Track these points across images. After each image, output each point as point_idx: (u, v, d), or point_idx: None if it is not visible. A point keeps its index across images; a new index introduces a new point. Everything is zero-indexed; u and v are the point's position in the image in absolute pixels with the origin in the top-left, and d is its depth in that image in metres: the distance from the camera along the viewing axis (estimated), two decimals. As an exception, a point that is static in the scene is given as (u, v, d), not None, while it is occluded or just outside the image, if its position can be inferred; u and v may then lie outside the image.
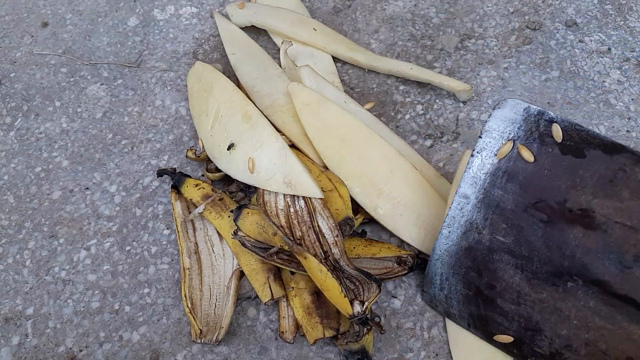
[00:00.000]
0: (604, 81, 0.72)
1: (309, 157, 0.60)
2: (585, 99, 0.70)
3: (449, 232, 0.51)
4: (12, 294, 0.59)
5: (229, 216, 0.57)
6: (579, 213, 0.45)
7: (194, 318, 0.54)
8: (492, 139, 0.48)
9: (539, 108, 0.47)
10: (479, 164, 0.49)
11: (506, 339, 0.49)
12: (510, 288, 0.48)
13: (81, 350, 0.55)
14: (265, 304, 0.52)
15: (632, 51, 0.74)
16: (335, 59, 0.76)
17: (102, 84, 0.76)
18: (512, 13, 0.80)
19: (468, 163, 0.49)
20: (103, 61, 0.79)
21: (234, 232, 0.53)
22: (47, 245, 0.62)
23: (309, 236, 0.50)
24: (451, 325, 0.53)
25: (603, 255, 0.44)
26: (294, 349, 0.53)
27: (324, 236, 0.51)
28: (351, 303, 0.47)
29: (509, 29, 0.78)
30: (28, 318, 0.57)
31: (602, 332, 0.45)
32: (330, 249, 0.50)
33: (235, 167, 0.58)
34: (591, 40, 0.76)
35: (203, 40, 0.80)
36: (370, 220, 0.61)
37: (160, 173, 0.64)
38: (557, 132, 0.46)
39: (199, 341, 0.53)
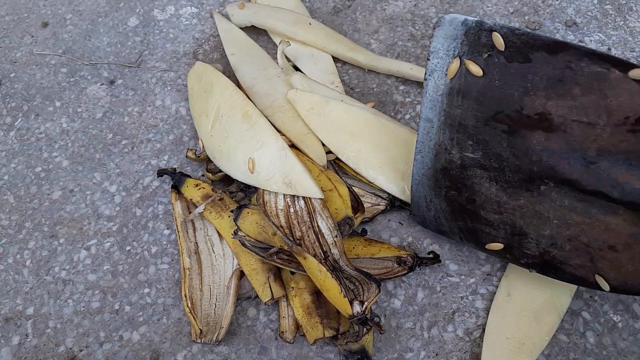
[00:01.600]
0: (604, 81, 0.72)
1: (308, 157, 0.60)
2: (585, 99, 0.70)
3: (422, 157, 0.52)
4: (12, 294, 0.59)
5: (229, 216, 0.57)
6: (536, 118, 0.45)
7: (194, 318, 0.54)
8: (439, 59, 0.48)
9: (476, 19, 0.46)
10: (433, 87, 0.49)
11: (497, 246, 0.51)
12: (490, 200, 0.49)
13: (81, 350, 0.55)
14: (265, 303, 0.52)
15: (632, 51, 0.74)
16: (335, 59, 0.76)
17: (102, 84, 0.76)
18: (512, 13, 0.80)
19: (424, 87, 0.49)
20: (103, 61, 0.79)
21: (234, 232, 0.53)
22: (47, 245, 0.62)
23: (308, 236, 0.50)
24: (490, 325, 0.53)
25: (567, 154, 0.44)
26: (294, 349, 0.53)
27: (324, 236, 0.51)
28: (351, 303, 0.47)
29: (509, 29, 0.78)
30: (28, 318, 0.57)
31: (581, 227, 0.45)
32: (330, 249, 0.50)
33: (235, 167, 0.58)
34: (591, 40, 0.76)
35: (203, 40, 0.80)
36: (371, 220, 0.61)
37: (161, 173, 0.64)
38: (498, 40, 0.44)
39: (199, 341, 0.53)
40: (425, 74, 0.49)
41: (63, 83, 0.77)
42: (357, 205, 0.58)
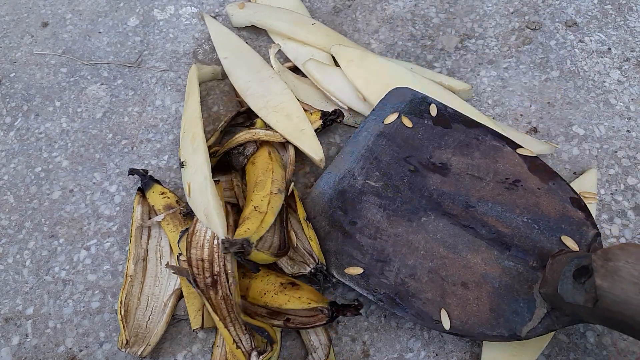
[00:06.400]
0: (604, 81, 0.72)
1: (306, 153, 0.61)
2: (585, 98, 0.70)
3: (330, 176, 0.59)
4: (12, 294, 0.59)
5: None
6: (440, 165, 0.57)
7: (123, 326, 0.53)
8: (383, 111, 0.62)
9: (424, 94, 0.62)
10: (368, 128, 0.61)
11: (356, 270, 0.53)
12: (371, 224, 0.55)
13: (81, 350, 0.55)
14: (194, 331, 0.51)
15: (632, 51, 0.74)
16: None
17: (102, 84, 0.76)
18: (512, 13, 0.80)
19: (359, 127, 0.61)
20: (103, 61, 0.79)
21: (177, 255, 0.51)
22: (47, 245, 0.62)
23: (223, 274, 0.48)
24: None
25: (454, 196, 0.55)
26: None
27: (228, 279, 0.48)
28: (248, 355, 0.45)
29: (509, 29, 0.78)
30: (28, 318, 0.57)
31: (444, 261, 0.52)
32: (230, 294, 0.48)
33: (185, 185, 0.58)
34: (591, 40, 0.76)
35: (203, 41, 0.80)
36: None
37: (132, 172, 0.63)
38: (433, 109, 0.61)
39: (123, 350, 0.52)
40: (368, 116, 0.61)
41: (63, 83, 0.77)
42: (283, 246, 0.52)
